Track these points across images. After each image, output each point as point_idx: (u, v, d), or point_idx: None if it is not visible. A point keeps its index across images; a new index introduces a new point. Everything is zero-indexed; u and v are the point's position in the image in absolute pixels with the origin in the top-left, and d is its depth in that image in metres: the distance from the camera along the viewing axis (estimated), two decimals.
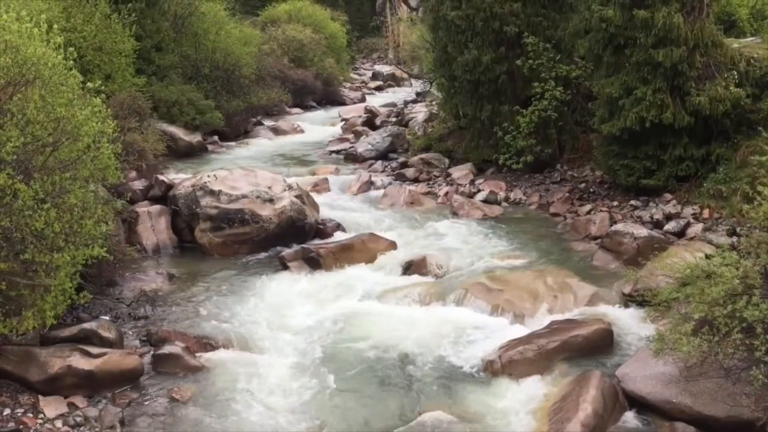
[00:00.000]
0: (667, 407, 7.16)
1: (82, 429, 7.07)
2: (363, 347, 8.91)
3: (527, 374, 8.15)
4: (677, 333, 6.93)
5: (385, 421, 7.41)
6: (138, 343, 8.89)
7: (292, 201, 12.64)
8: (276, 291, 10.64)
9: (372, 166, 18.09)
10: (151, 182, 13.42)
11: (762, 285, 6.49)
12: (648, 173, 12.61)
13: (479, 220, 13.65)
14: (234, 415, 7.46)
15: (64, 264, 7.23)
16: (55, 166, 7.51)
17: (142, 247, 11.67)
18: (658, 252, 10.04)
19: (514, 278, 10.44)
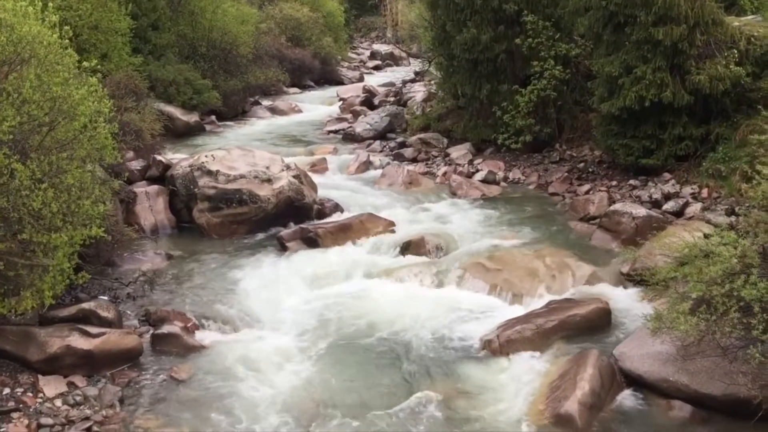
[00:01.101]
0: (664, 386, 7.20)
1: (82, 408, 7.10)
2: (361, 327, 8.94)
3: (525, 353, 8.18)
4: (675, 312, 6.95)
5: (384, 399, 7.44)
6: (137, 322, 8.90)
7: (290, 181, 12.61)
8: (274, 271, 10.64)
9: (370, 146, 18.04)
10: (148, 162, 13.38)
11: (760, 264, 6.50)
12: (647, 152, 12.58)
13: (478, 199, 13.64)
14: (233, 394, 7.49)
15: (62, 244, 7.22)
16: (51, 145, 7.48)
17: (140, 228, 11.66)
18: (656, 231, 10.05)
19: (512, 258, 10.45)
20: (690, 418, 6.92)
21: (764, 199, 6.95)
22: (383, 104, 21.88)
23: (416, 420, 7.05)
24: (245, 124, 21.19)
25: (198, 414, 7.16)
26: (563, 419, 6.86)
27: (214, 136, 19.22)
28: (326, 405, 7.33)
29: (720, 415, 6.85)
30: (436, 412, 7.17)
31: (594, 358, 7.50)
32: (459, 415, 7.13)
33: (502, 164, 15.32)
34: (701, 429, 6.80)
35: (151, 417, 7.10)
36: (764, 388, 6.19)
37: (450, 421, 7.02)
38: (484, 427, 6.93)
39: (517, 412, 7.15)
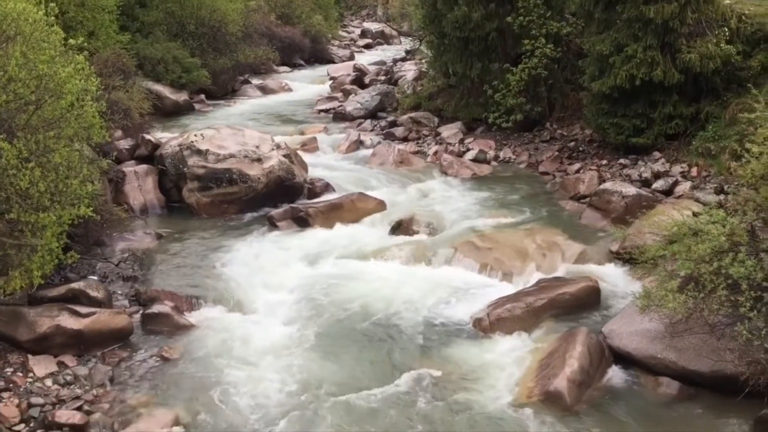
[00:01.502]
0: (652, 362, 7.26)
1: (72, 387, 7.10)
2: (352, 306, 8.95)
3: (515, 331, 8.23)
4: (663, 290, 7.00)
5: (374, 378, 7.47)
6: (127, 302, 8.89)
7: (280, 160, 12.55)
8: (265, 250, 10.63)
9: (361, 125, 17.97)
10: (137, 141, 13.29)
11: (748, 242, 6.54)
12: (637, 131, 12.59)
13: (468, 179, 13.63)
14: (223, 373, 7.50)
15: (50, 224, 7.18)
16: (38, 124, 7.41)
17: (129, 207, 11.59)
18: (646, 210, 10.08)
19: (502, 237, 10.47)
20: (677, 395, 6.99)
21: (753, 177, 6.98)
22: (374, 83, 21.76)
23: (407, 398, 7.09)
24: (235, 103, 21.04)
25: (188, 392, 7.17)
26: (552, 396, 6.91)
27: (204, 115, 19.08)
28: (317, 383, 7.35)
29: (707, 392, 6.93)
30: (426, 390, 7.21)
31: (583, 335, 7.55)
32: (449, 392, 7.17)
33: (493, 143, 15.29)
34: (689, 405, 6.87)
35: (142, 396, 7.11)
36: (751, 365, 6.25)
37: (440, 399, 7.06)
38: (474, 404, 6.97)
39: (506, 390, 7.20)
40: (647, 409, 6.86)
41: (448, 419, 6.75)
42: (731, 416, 6.58)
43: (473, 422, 6.71)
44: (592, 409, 6.87)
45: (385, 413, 6.85)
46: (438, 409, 6.90)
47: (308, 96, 22.00)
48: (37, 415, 6.60)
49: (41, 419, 6.56)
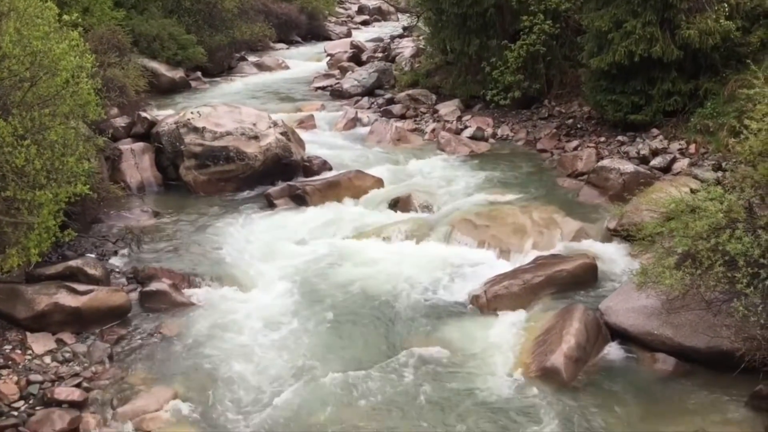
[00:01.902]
0: (648, 339, 7.30)
1: (71, 364, 7.12)
2: (350, 283, 8.97)
3: (512, 308, 8.26)
4: (660, 266, 7.01)
5: (372, 355, 7.50)
6: (125, 280, 8.89)
7: (277, 138, 12.50)
8: (262, 228, 10.63)
9: (358, 103, 17.88)
10: (133, 119, 13.20)
11: (745, 219, 6.54)
12: (636, 108, 12.54)
13: (466, 156, 13.59)
14: (221, 350, 7.53)
15: (46, 201, 7.16)
16: (33, 101, 7.36)
17: (126, 185, 11.55)
18: (643, 187, 10.08)
19: (500, 214, 10.46)
20: (673, 371, 7.03)
21: (751, 154, 6.96)
22: (371, 60, 21.61)
23: (404, 374, 7.12)
24: (231, 81, 20.90)
25: (187, 369, 7.20)
26: (549, 372, 6.95)
27: (200, 93, 18.97)
28: (314, 359, 7.39)
29: (703, 368, 6.97)
30: (423, 367, 7.25)
31: (580, 312, 7.58)
32: (447, 369, 7.21)
33: (491, 121, 15.24)
34: (684, 381, 6.92)
35: (141, 373, 7.14)
36: (747, 341, 6.27)
37: (438, 376, 7.09)
38: (472, 380, 7.02)
39: (504, 366, 7.24)
40: (643, 384, 6.90)
41: (445, 395, 6.79)
42: (727, 392, 6.63)
43: (470, 398, 6.75)
44: (589, 385, 6.91)
45: (382, 389, 6.89)
46: (435, 386, 6.94)
47: (305, 73, 21.86)
48: (36, 392, 6.63)
49: (40, 396, 6.59)
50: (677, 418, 6.38)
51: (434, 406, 6.65)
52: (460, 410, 6.58)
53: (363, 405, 6.68)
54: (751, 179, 6.87)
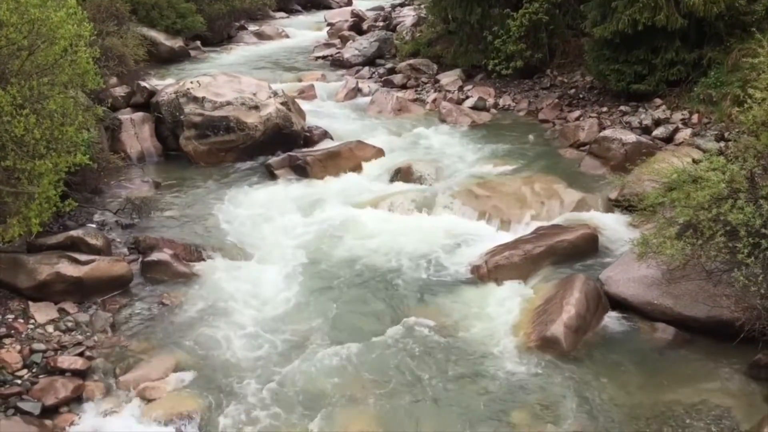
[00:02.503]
0: (648, 308, 7.32)
1: (74, 333, 7.16)
2: (351, 254, 8.97)
3: (513, 278, 8.27)
4: (661, 237, 7.01)
5: (373, 325, 7.54)
6: (126, 250, 8.90)
7: (277, 108, 12.43)
8: (263, 199, 10.62)
9: (359, 73, 17.76)
10: (132, 89, 13.13)
11: (747, 189, 6.51)
12: (639, 78, 12.44)
13: (467, 126, 13.53)
14: (222, 320, 7.57)
15: (46, 171, 7.12)
16: (32, 70, 7.29)
17: (126, 155, 11.51)
18: (645, 157, 10.04)
19: (501, 185, 10.44)
20: (673, 340, 7.07)
21: (754, 123, 6.92)
22: (372, 29, 21.41)
23: (405, 344, 7.16)
24: (231, 50, 20.74)
25: (188, 339, 7.24)
26: (549, 342, 6.99)
27: (200, 62, 18.84)
28: (314, 329, 7.42)
29: (702, 337, 7.00)
30: (424, 336, 7.28)
31: (580, 282, 7.59)
32: (447, 338, 7.25)
33: (493, 91, 15.14)
34: (684, 350, 6.95)
35: (143, 342, 7.18)
36: (747, 311, 6.29)
37: (438, 345, 7.13)
38: (472, 350, 7.05)
39: (504, 336, 7.27)
40: (643, 354, 6.94)
41: (445, 365, 6.84)
42: (726, 361, 6.67)
43: (471, 367, 6.79)
44: (589, 354, 6.95)
45: (384, 360, 6.93)
46: (436, 355, 6.98)
47: (305, 42, 21.69)
48: (39, 361, 6.67)
49: (43, 365, 6.64)
50: (676, 386, 6.42)
51: (435, 375, 6.69)
52: (461, 379, 6.62)
53: (364, 375, 6.72)
54: (754, 149, 6.83)
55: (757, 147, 6.82)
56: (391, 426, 6.09)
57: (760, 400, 6.24)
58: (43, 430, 5.88)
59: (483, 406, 6.29)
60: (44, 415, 6.11)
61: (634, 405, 6.23)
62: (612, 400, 6.28)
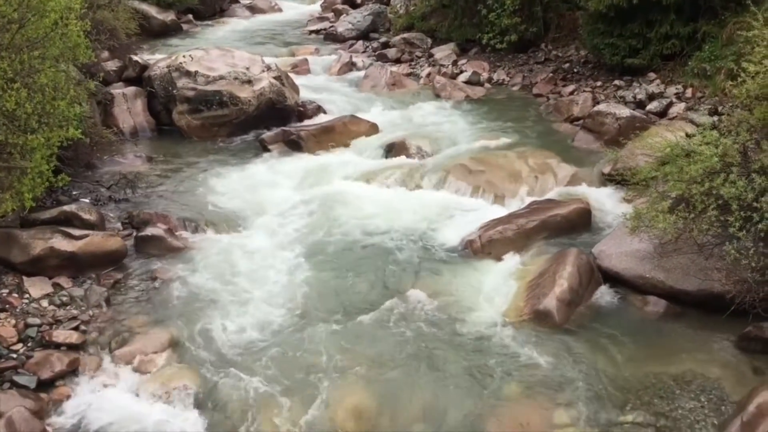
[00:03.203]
0: (640, 282, 7.37)
1: (69, 308, 7.17)
2: (344, 229, 8.99)
3: (506, 253, 8.29)
4: (654, 210, 7.05)
5: (366, 299, 7.57)
6: (120, 225, 8.88)
7: (271, 82, 12.37)
8: (257, 173, 10.61)
9: (353, 47, 17.65)
10: (124, 63, 13.02)
11: (740, 163, 6.54)
12: (633, 52, 12.41)
13: (461, 101, 13.50)
14: (217, 293, 7.59)
15: (39, 146, 7.09)
16: (22, 44, 7.21)
17: (118, 130, 11.45)
18: (639, 132, 10.02)
19: (495, 160, 10.44)
20: (664, 313, 7.13)
21: (748, 97, 6.93)
22: (366, 2, 21.23)
23: (399, 317, 7.20)
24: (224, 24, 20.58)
25: (184, 313, 7.27)
26: (542, 315, 7.04)
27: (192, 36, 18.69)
28: (308, 304, 7.45)
29: (693, 310, 7.06)
30: (417, 310, 7.32)
31: (573, 256, 7.63)
32: (440, 312, 7.29)
33: (487, 65, 15.09)
34: (675, 323, 7.02)
35: (138, 316, 7.20)
36: (738, 284, 6.35)
37: (431, 319, 7.18)
38: (465, 323, 7.10)
39: (497, 310, 7.32)
40: (634, 326, 7.00)
41: (438, 338, 6.89)
42: (716, 333, 6.74)
43: (464, 340, 6.85)
44: (581, 327, 7.01)
45: (376, 333, 6.98)
46: (428, 329, 7.02)
47: (298, 16, 21.55)
48: (34, 335, 6.68)
49: (38, 339, 6.65)
50: (667, 358, 6.49)
51: (428, 348, 6.74)
52: (454, 352, 6.68)
53: (358, 348, 6.76)
54: (747, 123, 6.85)
55: (750, 121, 6.84)
56: (385, 398, 6.15)
57: (749, 371, 6.31)
58: (39, 403, 5.91)
59: (476, 378, 6.35)
60: (40, 388, 6.13)
61: (626, 376, 6.30)
62: (603, 372, 6.35)
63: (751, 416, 5.50)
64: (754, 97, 6.86)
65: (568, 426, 5.83)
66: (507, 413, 5.97)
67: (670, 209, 6.92)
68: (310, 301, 7.52)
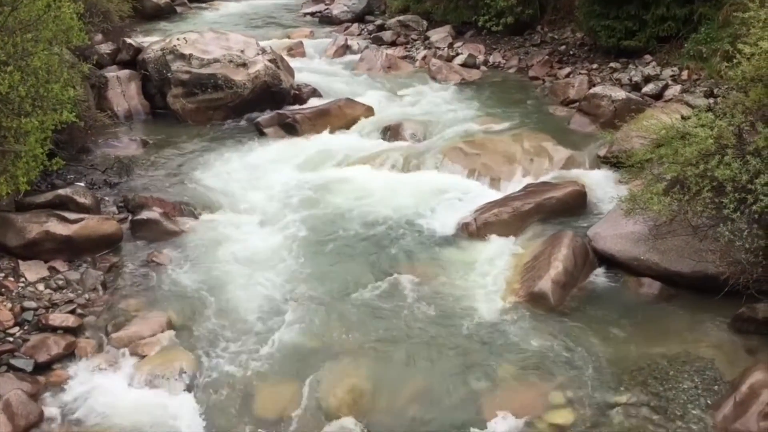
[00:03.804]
0: (634, 264, 7.39)
1: (65, 292, 7.18)
2: (339, 212, 9.00)
3: (502, 236, 8.31)
4: (649, 193, 7.05)
5: (361, 280, 7.58)
6: (115, 209, 8.88)
7: (266, 65, 12.32)
8: (253, 157, 10.60)
9: (348, 29, 17.58)
10: (118, 46, 12.97)
11: (735, 145, 6.54)
12: (629, 34, 12.38)
13: (457, 84, 13.47)
14: (214, 277, 7.60)
15: (33, 129, 7.07)
16: (15, 26, 7.16)
17: (113, 114, 11.39)
18: (635, 114, 10.03)
19: (490, 143, 10.43)
20: (658, 294, 7.16)
21: (743, 79, 6.90)
22: None
23: (395, 300, 7.23)
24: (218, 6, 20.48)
25: (180, 296, 7.28)
26: (537, 297, 7.07)
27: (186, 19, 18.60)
28: (303, 287, 7.46)
29: (687, 291, 7.09)
30: (413, 292, 7.35)
31: (568, 239, 7.65)
32: (436, 295, 7.31)
33: (483, 48, 15.04)
34: (669, 304, 7.05)
35: (134, 299, 7.20)
36: (732, 265, 6.37)
37: (426, 301, 7.20)
38: (460, 305, 7.13)
39: (492, 292, 7.34)
40: (629, 308, 7.04)
41: (433, 320, 6.91)
42: (710, 314, 6.77)
43: (459, 322, 6.87)
44: (576, 309, 7.04)
45: (373, 314, 7.00)
46: (424, 311, 7.04)
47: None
48: (30, 319, 6.69)
49: (35, 322, 6.66)
50: (661, 339, 6.52)
51: (424, 330, 6.77)
52: (450, 334, 6.70)
53: (354, 330, 6.78)
54: (743, 105, 6.83)
55: (745, 103, 6.82)
56: (381, 380, 6.18)
57: (742, 352, 6.35)
58: (36, 386, 5.94)
59: (471, 359, 6.38)
60: (37, 371, 6.15)
61: (620, 358, 6.33)
62: (598, 353, 6.38)
63: (744, 396, 5.55)
64: (749, 78, 6.83)
65: (563, 407, 5.86)
66: (502, 394, 6.00)
67: (664, 191, 6.93)
68: (306, 283, 7.53)
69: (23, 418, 5.52)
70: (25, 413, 5.55)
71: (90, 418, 5.77)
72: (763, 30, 6.90)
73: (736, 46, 7.11)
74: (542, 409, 5.84)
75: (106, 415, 5.79)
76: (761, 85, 6.70)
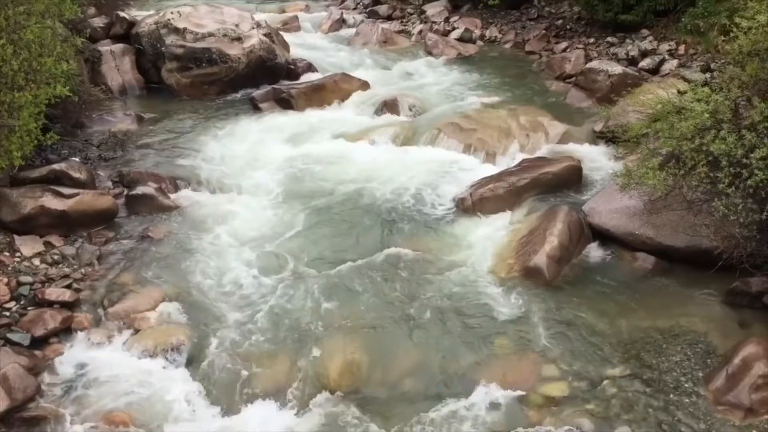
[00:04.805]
0: (629, 239, 7.42)
1: (61, 266, 7.18)
2: (335, 187, 8.98)
3: (497, 210, 8.33)
4: (644, 167, 7.06)
5: (357, 256, 7.58)
6: (110, 184, 8.85)
7: (261, 40, 12.22)
8: (248, 132, 10.55)
9: (344, 3, 17.44)
10: (111, 19, 12.83)
11: (731, 119, 6.53)
12: (626, 8, 12.31)
13: (453, 59, 13.40)
14: (208, 251, 7.61)
15: (26, 103, 7.04)
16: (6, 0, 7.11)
17: (107, 88, 11.32)
18: (631, 89, 10.01)
19: (486, 117, 10.41)
20: (653, 269, 7.20)
21: (740, 53, 6.88)
22: None
23: (390, 274, 7.25)
24: None
25: (175, 270, 7.29)
26: (532, 271, 7.10)
27: None
28: (300, 260, 7.48)
29: (682, 266, 7.13)
30: (408, 267, 7.36)
31: (564, 213, 7.66)
32: (430, 269, 7.34)
33: (479, 22, 14.94)
34: (663, 278, 7.09)
35: (130, 274, 7.22)
36: (726, 239, 6.40)
37: (421, 274, 7.23)
38: (457, 280, 7.15)
39: (487, 266, 7.37)
40: (623, 282, 7.07)
41: (428, 294, 6.94)
42: (704, 288, 6.81)
43: (454, 296, 6.90)
44: (571, 284, 7.08)
45: (369, 288, 7.03)
46: (419, 285, 7.07)
47: None
48: (26, 293, 6.70)
49: (31, 297, 6.67)
50: (655, 313, 6.57)
51: (419, 304, 6.80)
52: (445, 308, 6.74)
53: (349, 304, 6.81)
54: (739, 79, 6.81)
55: (741, 77, 6.80)
56: (377, 353, 6.22)
57: (735, 325, 6.41)
58: (33, 360, 5.96)
59: (466, 333, 6.42)
60: (33, 345, 6.17)
61: (614, 331, 6.38)
62: (592, 327, 6.43)
63: (737, 368, 5.61)
64: (746, 53, 6.81)
65: (557, 379, 5.92)
66: (497, 368, 6.05)
67: (660, 166, 6.93)
68: (302, 258, 7.54)
69: (20, 391, 5.55)
70: (22, 387, 5.58)
71: (87, 391, 5.81)
72: (761, 3, 6.87)
73: (733, 20, 7.08)
74: (536, 382, 5.90)
75: (103, 388, 5.82)
76: (758, 59, 6.68)
